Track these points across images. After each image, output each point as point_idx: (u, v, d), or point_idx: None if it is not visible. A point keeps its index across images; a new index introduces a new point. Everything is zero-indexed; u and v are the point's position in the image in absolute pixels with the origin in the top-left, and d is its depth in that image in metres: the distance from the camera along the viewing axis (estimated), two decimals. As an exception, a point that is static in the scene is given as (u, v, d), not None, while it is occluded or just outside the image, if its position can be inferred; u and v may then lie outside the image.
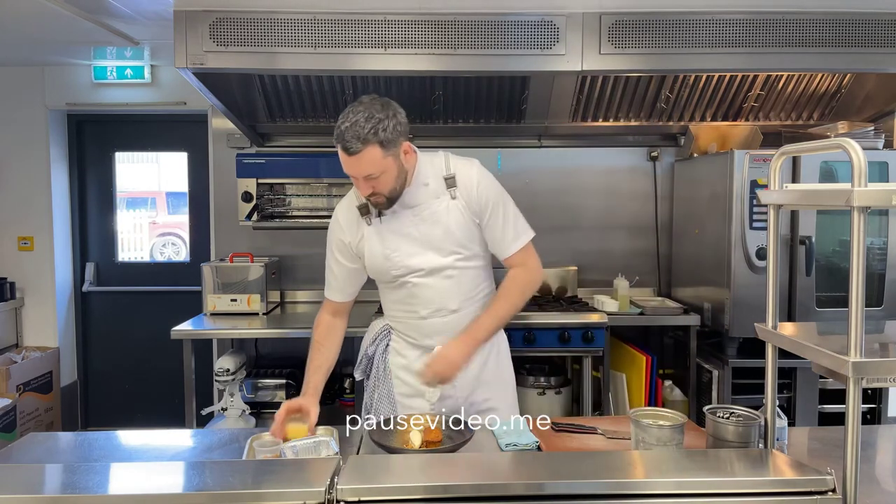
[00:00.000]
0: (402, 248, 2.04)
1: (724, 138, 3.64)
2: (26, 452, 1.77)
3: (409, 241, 2.04)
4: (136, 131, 4.54)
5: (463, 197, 2.04)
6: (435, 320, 2.09)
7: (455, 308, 2.08)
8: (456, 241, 2.04)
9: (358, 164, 1.87)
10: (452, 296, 2.07)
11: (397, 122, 1.90)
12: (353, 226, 2.10)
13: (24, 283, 4.37)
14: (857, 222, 1.22)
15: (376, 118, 1.85)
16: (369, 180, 1.90)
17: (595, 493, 1.27)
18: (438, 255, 2.04)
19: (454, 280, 2.07)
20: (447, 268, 2.05)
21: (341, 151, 1.87)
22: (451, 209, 2.03)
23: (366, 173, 1.89)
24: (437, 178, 2.05)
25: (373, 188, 1.92)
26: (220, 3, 2.84)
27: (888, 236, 3.13)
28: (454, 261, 2.05)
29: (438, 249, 2.04)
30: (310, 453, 1.66)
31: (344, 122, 1.86)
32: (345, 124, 1.85)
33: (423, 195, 2.03)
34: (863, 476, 1.31)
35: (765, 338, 1.54)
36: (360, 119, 1.84)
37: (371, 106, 1.87)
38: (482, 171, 2.09)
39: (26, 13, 3.07)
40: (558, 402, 3.44)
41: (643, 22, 2.92)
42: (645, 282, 4.00)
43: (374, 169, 1.88)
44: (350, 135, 1.84)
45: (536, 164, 4.03)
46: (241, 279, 3.60)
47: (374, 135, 1.84)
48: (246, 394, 3.49)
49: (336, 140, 1.87)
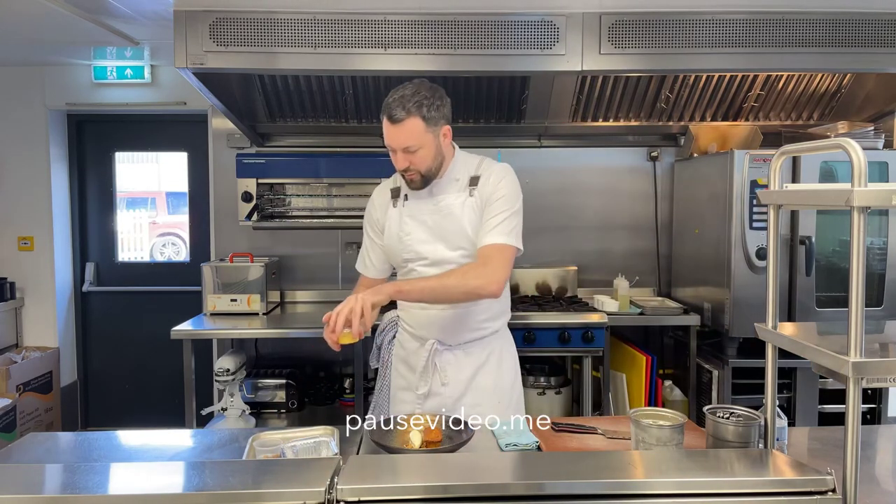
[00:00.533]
0: (415, 233, 2.09)
1: (724, 138, 3.64)
2: (26, 452, 1.77)
3: (423, 228, 2.09)
4: (136, 131, 4.54)
5: (479, 194, 2.07)
6: (434, 312, 2.11)
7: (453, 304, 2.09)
8: (466, 238, 2.06)
9: (399, 134, 1.94)
10: None
11: (442, 104, 2.00)
12: (384, 206, 2.18)
13: (24, 283, 4.37)
14: (857, 222, 1.22)
15: (423, 94, 1.95)
16: (407, 153, 1.97)
17: (595, 493, 1.27)
18: (446, 247, 2.07)
19: None
20: (452, 262, 2.06)
21: (385, 121, 1.95)
22: (467, 206, 2.06)
23: (405, 144, 1.95)
24: (466, 176, 2.10)
25: (409, 162, 1.98)
26: (220, 3, 2.84)
27: (888, 236, 3.14)
28: (460, 255, 2.07)
29: (447, 242, 2.07)
30: (310, 453, 1.66)
31: (392, 95, 1.95)
32: (393, 96, 1.95)
33: (448, 188, 2.09)
34: (863, 476, 1.31)
35: (765, 338, 1.54)
36: (407, 93, 1.94)
37: (420, 85, 1.98)
38: (510, 172, 2.11)
39: (26, 13, 3.07)
40: (558, 402, 3.44)
41: (643, 22, 2.92)
42: (645, 282, 4.00)
43: (413, 141, 1.95)
44: (396, 104, 1.93)
45: (536, 164, 4.03)
46: (241, 279, 3.60)
47: (418, 108, 1.93)
48: (246, 394, 3.49)
49: (382, 111, 1.96)
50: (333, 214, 3.94)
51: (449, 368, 2.13)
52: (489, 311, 2.14)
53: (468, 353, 2.14)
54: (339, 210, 3.95)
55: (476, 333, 2.14)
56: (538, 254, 4.00)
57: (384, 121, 1.96)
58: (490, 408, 2.09)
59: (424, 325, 2.14)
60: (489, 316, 2.15)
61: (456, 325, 2.11)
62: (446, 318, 2.10)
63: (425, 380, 2.12)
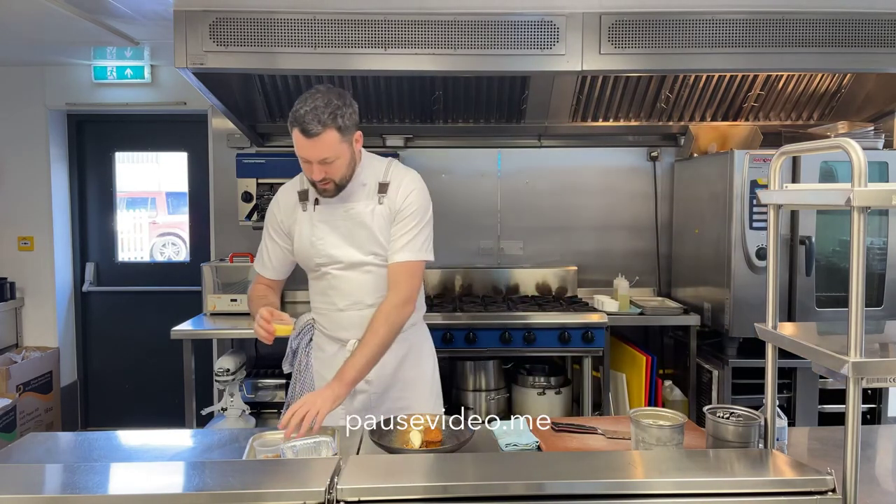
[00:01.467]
0: (328, 238, 2.10)
1: (724, 138, 3.64)
2: (26, 452, 1.77)
3: (336, 233, 2.10)
4: (136, 131, 4.54)
5: (388, 203, 2.10)
6: (352, 313, 2.13)
7: (371, 303, 2.11)
8: (377, 243, 2.10)
9: (315, 147, 1.93)
10: (369, 291, 2.12)
11: (353, 111, 1.99)
12: (290, 208, 2.18)
13: (24, 283, 4.37)
14: (857, 222, 1.22)
15: (335, 104, 1.93)
16: (324, 165, 1.96)
17: (595, 493, 1.27)
18: (359, 251, 2.10)
19: (372, 276, 2.12)
20: (366, 264, 2.11)
21: (299, 134, 1.92)
22: (377, 213, 2.09)
23: (322, 157, 1.94)
24: (374, 181, 2.12)
25: (325, 173, 1.98)
26: (220, 3, 2.83)
27: (888, 236, 3.14)
28: (372, 258, 2.11)
29: (360, 247, 2.10)
30: (310, 453, 1.66)
31: (303, 106, 1.91)
32: (304, 108, 1.91)
33: (357, 194, 2.10)
34: (863, 476, 1.31)
35: (765, 338, 1.54)
36: (319, 104, 1.91)
37: (328, 93, 1.94)
38: (418, 183, 2.14)
39: (26, 13, 3.07)
40: (558, 402, 3.44)
41: (643, 22, 2.92)
42: (645, 282, 4.00)
43: (330, 153, 1.94)
44: (310, 118, 1.89)
45: (536, 164, 4.03)
46: (241, 279, 3.60)
47: (333, 119, 1.92)
48: (246, 394, 3.49)
49: (294, 123, 1.92)
50: (333, 214, 3.94)
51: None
52: None
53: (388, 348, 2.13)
54: (339, 210, 3.94)
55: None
56: (538, 254, 4.00)
57: (296, 133, 1.92)
58: (413, 400, 2.17)
59: (343, 326, 2.15)
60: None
61: None
62: (364, 317, 2.08)
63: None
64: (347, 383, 1.91)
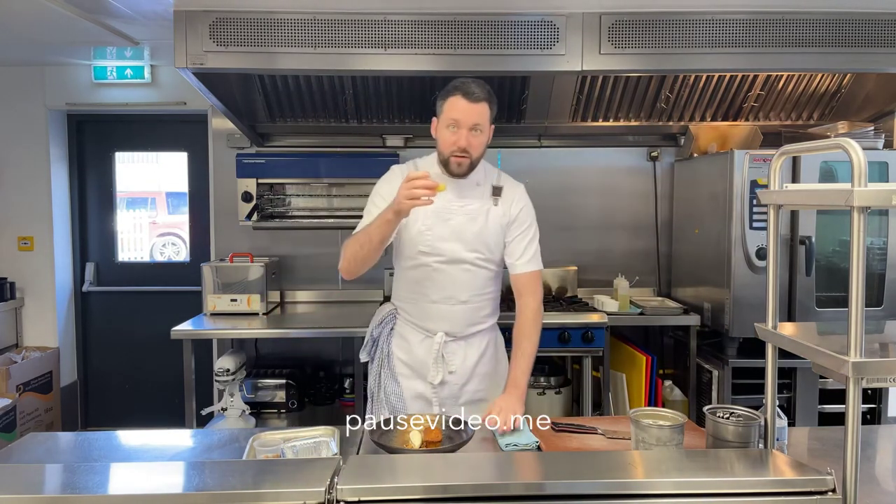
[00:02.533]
0: (436, 229, 2.16)
1: (724, 138, 3.64)
2: (26, 452, 1.77)
3: (446, 226, 2.16)
4: (136, 131, 4.54)
5: (503, 209, 2.21)
6: (443, 307, 2.20)
7: (464, 300, 2.20)
8: (483, 243, 2.18)
9: (473, 111, 2.05)
10: (465, 288, 2.19)
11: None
12: None
13: (24, 283, 4.36)
14: (857, 222, 1.22)
15: (489, 89, 2.10)
16: (473, 132, 2.07)
17: (595, 493, 1.27)
18: (464, 248, 2.17)
19: (471, 274, 2.19)
20: (466, 261, 2.18)
21: (460, 98, 2.04)
22: (491, 215, 2.19)
23: (476, 122, 2.06)
24: (487, 183, 2.22)
25: (469, 143, 2.07)
26: (220, 3, 2.83)
27: (888, 236, 3.14)
28: (475, 258, 2.18)
29: (466, 243, 2.17)
30: (310, 453, 1.66)
31: (464, 79, 2.07)
32: (465, 80, 2.07)
33: (472, 192, 2.19)
34: (863, 476, 1.31)
35: (765, 338, 1.54)
36: (478, 81, 2.08)
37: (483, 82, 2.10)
38: (526, 195, 2.29)
39: (26, 13, 3.07)
40: (558, 402, 3.44)
41: (643, 22, 2.92)
42: (645, 282, 4.00)
43: (483, 121, 2.08)
44: (474, 84, 2.05)
45: (536, 164, 4.03)
46: (241, 279, 3.60)
47: (490, 96, 2.09)
48: (246, 394, 3.49)
49: (454, 90, 2.05)
50: (333, 214, 3.94)
51: (455, 358, 2.24)
52: (489, 307, 2.29)
53: (470, 343, 2.26)
54: (339, 210, 3.95)
55: (478, 326, 2.27)
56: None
57: (456, 98, 2.04)
58: (488, 392, 2.27)
59: (434, 318, 2.22)
60: (489, 311, 2.30)
61: (464, 319, 2.23)
62: (456, 312, 2.21)
63: (437, 369, 2.21)
64: (523, 387, 2.10)
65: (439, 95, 2.12)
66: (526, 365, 2.15)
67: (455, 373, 2.23)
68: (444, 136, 2.11)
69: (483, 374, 2.29)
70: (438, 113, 2.13)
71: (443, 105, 2.09)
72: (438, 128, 2.14)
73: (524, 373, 2.13)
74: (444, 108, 2.09)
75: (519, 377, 2.12)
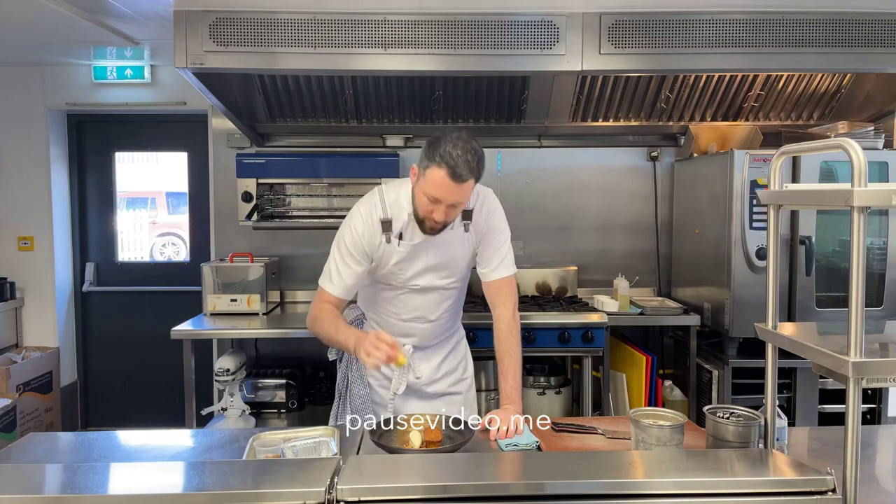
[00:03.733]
0: (410, 267, 2.14)
1: (724, 138, 3.63)
2: (26, 452, 1.77)
3: (421, 262, 2.14)
4: (136, 131, 4.54)
5: (474, 229, 2.15)
6: (413, 325, 2.24)
7: (434, 319, 2.23)
8: (458, 270, 2.20)
9: (456, 191, 1.91)
10: (435, 308, 2.22)
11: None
12: (373, 234, 2.11)
13: (24, 283, 4.36)
14: (857, 222, 1.22)
15: (479, 154, 1.93)
16: (452, 208, 1.97)
17: (595, 493, 1.27)
18: (438, 276, 2.17)
19: (440, 296, 2.21)
20: (441, 288, 2.20)
21: (446, 177, 1.88)
22: (464, 241, 2.15)
23: (457, 201, 1.95)
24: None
25: (448, 216, 1.98)
26: (220, 3, 2.83)
27: (888, 236, 3.13)
28: (448, 283, 2.20)
29: (440, 272, 2.17)
30: (310, 453, 1.66)
31: (455, 149, 1.88)
32: (456, 151, 1.88)
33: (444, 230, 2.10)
34: (863, 476, 1.31)
35: (765, 338, 1.54)
36: (469, 150, 1.90)
37: (470, 140, 1.93)
38: (496, 201, 2.20)
39: (26, 13, 3.07)
40: (558, 402, 3.44)
41: (643, 22, 2.92)
42: (645, 282, 4.00)
43: (464, 199, 1.97)
44: (464, 164, 1.88)
45: (536, 164, 4.03)
46: (241, 279, 3.60)
47: (478, 169, 1.93)
48: (246, 394, 3.49)
49: (443, 163, 1.88)
50: (333, 214, 3.94)
51: (423, 364, 2.28)
52: (456, 315, 2.36)
53: (436, 349, 2.32)
54: (339, 210, 3.94)
55: (446, 334, 2.34)
56: (538, 254, 4.00)
57: (443, 174, 1.88)
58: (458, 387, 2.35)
59: (403, 333, 2.22)
60: (456, 319, 2.38)
61: (432, 333, 2.28)
62: (425, 329, 2.25)
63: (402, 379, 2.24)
64: (518, 401, 2.06)
65: (426, 151, 1.94)
66: (514, 380, 2.11)
67: (420, 377, 2.26)
68: (422, 201, 1.98)
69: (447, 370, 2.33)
70: (420, 170, 1.96)
71: (426, 171, 1.92)
72: (416, 188, 1.99)
73: (514, 387, 2.09)
74: (426, 175, 1.92)
75: (511, 392, 2.08)
